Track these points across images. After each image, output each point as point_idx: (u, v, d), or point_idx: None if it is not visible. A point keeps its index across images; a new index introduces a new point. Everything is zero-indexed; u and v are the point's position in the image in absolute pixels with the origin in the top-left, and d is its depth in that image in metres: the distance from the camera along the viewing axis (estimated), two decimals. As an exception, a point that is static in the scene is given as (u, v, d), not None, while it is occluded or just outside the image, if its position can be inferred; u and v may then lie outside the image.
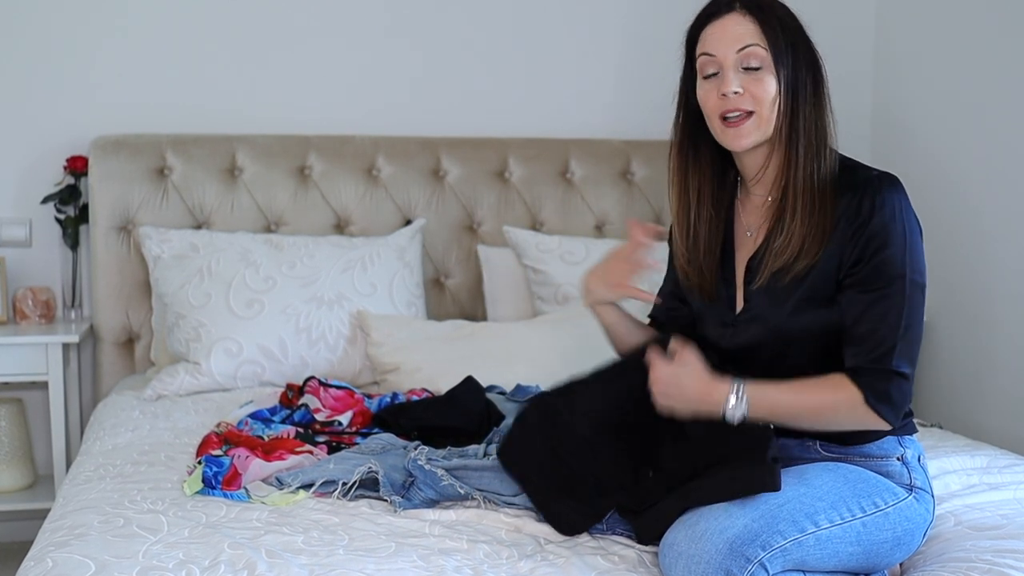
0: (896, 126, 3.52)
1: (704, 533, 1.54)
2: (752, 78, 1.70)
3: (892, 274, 1.66)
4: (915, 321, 1.68)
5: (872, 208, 1.67)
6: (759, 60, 1.70)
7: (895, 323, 1.66)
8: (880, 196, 1.67)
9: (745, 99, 1.70)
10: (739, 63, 1.71)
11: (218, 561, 1.60)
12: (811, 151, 1.71)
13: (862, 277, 1.68)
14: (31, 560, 1.65)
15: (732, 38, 1.70)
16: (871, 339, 1.67)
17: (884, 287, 1.67)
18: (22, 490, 3.01)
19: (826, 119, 1.73)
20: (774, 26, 1.70)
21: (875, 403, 1.67)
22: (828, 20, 3.59)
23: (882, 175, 1.70)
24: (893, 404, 1.67)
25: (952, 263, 3.26)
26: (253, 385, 2.77)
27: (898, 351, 1.66)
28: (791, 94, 1.70)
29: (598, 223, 3.33)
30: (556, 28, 3.40)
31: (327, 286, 2.87)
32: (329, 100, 3.28)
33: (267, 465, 2.01)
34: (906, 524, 1.70)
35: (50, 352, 2.86)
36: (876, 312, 1.67)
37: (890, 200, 1.67)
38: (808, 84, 1.72)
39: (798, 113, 1.71)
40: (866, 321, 1.67)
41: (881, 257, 1.67)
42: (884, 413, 1.67)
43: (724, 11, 1.73)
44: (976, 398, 3.18)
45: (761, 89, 1.70)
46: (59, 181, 3.09)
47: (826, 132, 1.73)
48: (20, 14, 3.08)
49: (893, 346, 1.66)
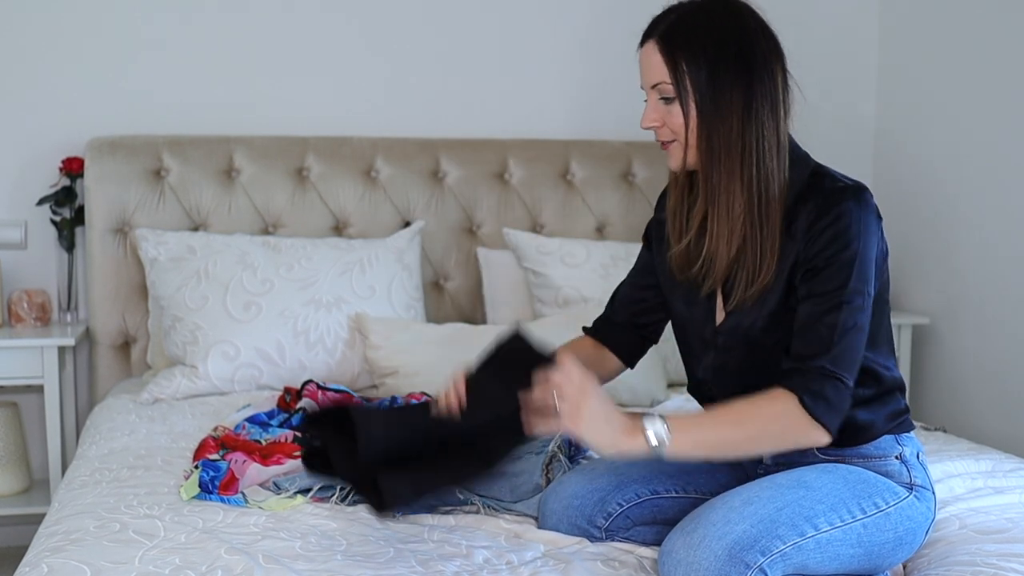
0: (898, 129, 3.52)
1: (703, 539, 1.53)
2: (666, 110, 1.70)
3: (836, 283, 1.64)
4: (853, 331, 1.64)
5: (829, 218, 1.65)
6: (670, 92, 1.69)
7: (831, 329, 1.63)
8: (840, 207, 1.65)
9: (664, 130, 1.71)
10: (656, 94, 1.71)
11: (215, 567, 1.59)
12: (733, 172, 1.67)
13: (809, 284, 1.66)
14: (26, 566, 1.64)
15: (646, 71, 1.71)
16: (807, 343, 1.64)
17: (826, 294, 1.64)
18: (17, 495, 3.00)
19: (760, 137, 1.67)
20: (679, 58, 1.67)
21: (811, 405, 1.61)
22: (831, 24, 3.61)
23: (849, 186, 1.67)
24: (830, 404, 1.62)
25: (954, 266, 3.26)
26: (250, 389, 2.75)
27: (833, 356, 1.62)
28: (704, 122, 1.67)
29: (599, 225, 3.31)
30: (556, 28, 3.39)
31: (325, 289, 2.85)
32: (327, 101, 3.27)
33: (264, 470, 2.01)
34: (908, 523, 1.69)
35: (46, 355, 2.84)
36: (814, 318, 1.64)
37: (848, 211, 1.64)
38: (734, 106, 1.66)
39: (713, 138, 1.67)
40: (805, 326, 1.65)
41: (829, 266, 1.64)
42: (821, 414, 1.61)
43: (644, 40, 1.72)
44: (980, 402, 3.18)
45: (673, 120, 1.69)
46: (55, 183, 3.07)
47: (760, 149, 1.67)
48: (16, 14, 3.07)
49: (828, 350, 1.63)
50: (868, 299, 1.67)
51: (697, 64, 1.66)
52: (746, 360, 1.75)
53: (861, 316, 1.65)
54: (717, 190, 1.69)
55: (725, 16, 1.68)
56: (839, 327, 1.63)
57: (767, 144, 1.67)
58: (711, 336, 1.78)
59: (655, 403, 2.75)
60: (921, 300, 3.42)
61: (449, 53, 3.34)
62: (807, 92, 1.76)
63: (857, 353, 1.65)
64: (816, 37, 3.55)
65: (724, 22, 1.68)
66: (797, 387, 1.62)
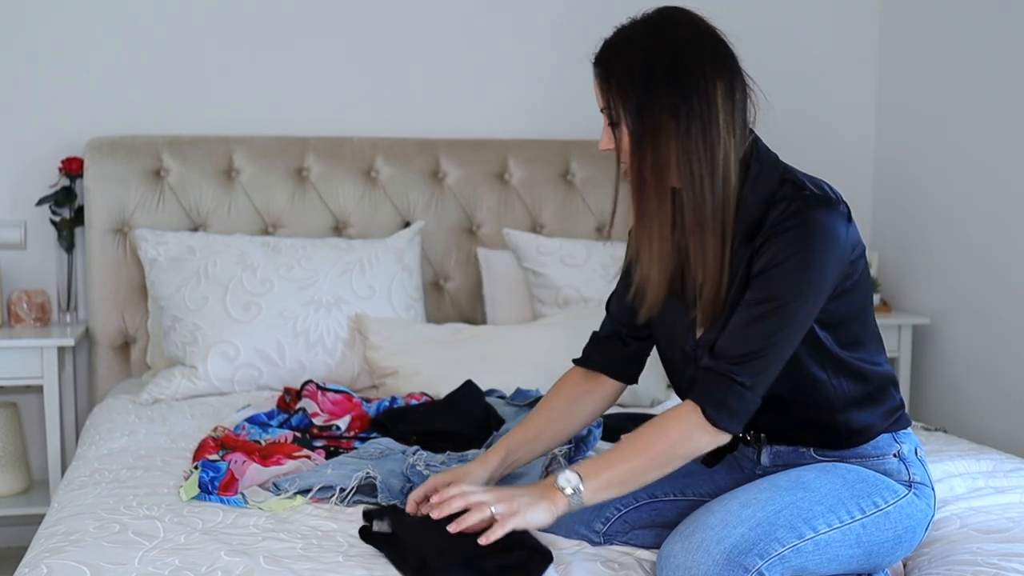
0: (899, 128, 3.51)
1: (700, 543, 1.53)
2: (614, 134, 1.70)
3: (776, 292, 1.62)
4: (777, 345, 1.62)
5: (786, 224, 1.62)
6: (609, 116, 1.69)
7: (755, 335, 1.62)
8: (800, 216, 1.62)
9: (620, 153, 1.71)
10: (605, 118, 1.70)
11: (215, 567, 1.59)
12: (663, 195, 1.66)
13: (754, 288, 1.64)
14: (26, 566, 1.63)
15: (596, 96, 1.70)
16: (732, 345, 1.63)
17: (765, 303, 1.62)
18: (17, 495, 3.00)
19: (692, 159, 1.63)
20: (612, 83, 1.66)
21: (714, 416, 1.61)
22: (831, 22, 3.61)
23: (811, 195, 1.64)
24: (732, 412, 1.62)
25: (954, 266, 3.26)
26: (250, 389, 2.75)
27: (748, 363, 1.61)
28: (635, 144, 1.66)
29: (599, 225, 3.31)
30: (557, 28, 3.38)
31: (325, 289, 2.85)
32: (327, 101, 3.27)
33: (264, 470, 2.00)
34: (907, 521, 1.68)
35: (45, 355, 2.84)
36: (749, 323, 1.63)
37: (809, 221, 1.62)
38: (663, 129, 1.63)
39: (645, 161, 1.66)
40: (733, 327, 1.64)
41: (773, 272, 1.62)
42: (724, 423, 1.61)
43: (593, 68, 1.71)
44: (980, 402, 3.17)
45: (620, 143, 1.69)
46: (54, 183, 3.07)
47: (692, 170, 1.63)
48: (15, 15, 3.07)
49: (742, 356, 1.61)
50: (812, 310, 1.63)
51: (626, 90, 1.65)
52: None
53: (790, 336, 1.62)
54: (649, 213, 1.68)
55: (660, 34, 1.66)
56: (763, 334, 1.61)
57: (700, 166, 1.63)
58: (691, 350, 1.77)
59: (655, 403, 2.74)
60: (921, 300, 3.42)
61: (449, 53, 3.34)
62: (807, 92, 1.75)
63: (773, 367, 1.63)
64: (816, 37, 3.55)
65: (656, 42, 1.65)
66: (701, 398, 1.63)
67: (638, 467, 1.63)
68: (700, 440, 1.64)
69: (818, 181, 1.69)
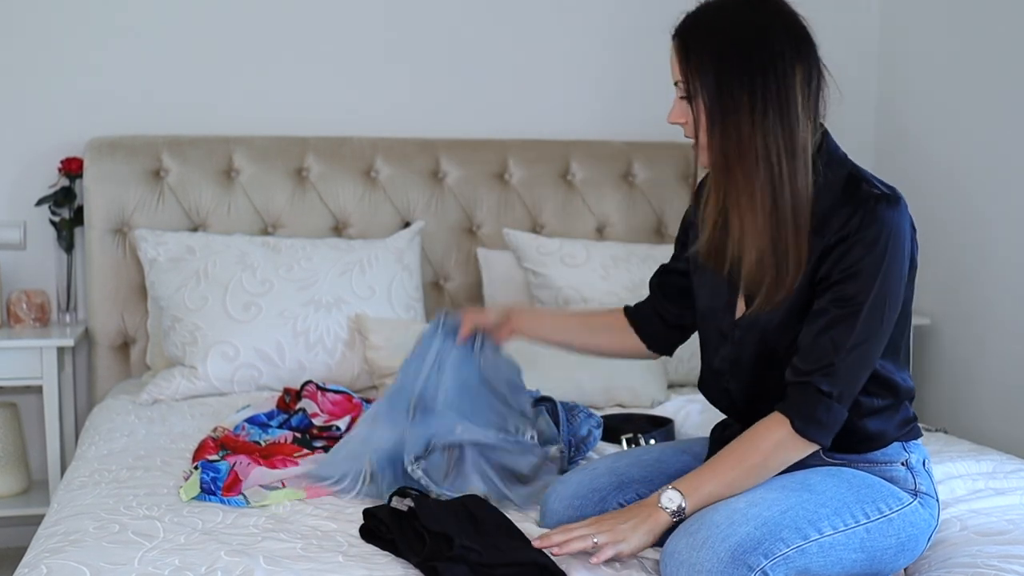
0: (898, 128, 3.51)
1: (705, 541, 1.53)
2: (687, 107, 1.69)
3: (855, 297, 1.63)
4: (861, 347, 1.63)
5: (859, 227, 1.63)
6: (685, 90, 1.68)
7: (840, 345, 1.62)
8: (870, 216, 1.63)
9: (688, 127, 1.70)
10: (679, 91, 1.70)
11: (215, 568, 1.59)
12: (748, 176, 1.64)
13: (828, 294, 1.65)
14: (25, 567, 1.63)
15: (672, 67, 1.70)
16: (811, 355, 1.64)
17: (842, 307, 1.63)
18: (16, 495, 2.99)
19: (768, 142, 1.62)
20: (692, 58, 1.66)
21: (803, 428, 1.64)
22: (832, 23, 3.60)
23: (883, 195, 1.65)
24: (822, 425, 1.64)
25: (955, 267, 3.25)
26: (250, 389, 2.75)
27: (831, 375, 1.63)
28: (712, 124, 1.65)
29: (599, 225, 3.31)
30: (556, 28, 3.38)
31: (325, 289, 2.84)
32: (327, 101, 3.27)
33: (271, 472, 2.00)
34: (910, 530, 1.68)
35: (45, 356, 2.84)
36: (826, 330, 1.64)
37: (880, 222, 1.62)
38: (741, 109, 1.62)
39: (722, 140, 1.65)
40: (813, 339, 1.65)
41: (850, 278, 1.63)
42: (814, 436, 1.65)
43: (672, 39, 1.71)
44: (981, 403, 3.17)
45: (691, 117, 1.68)
46: (54, 183, 3.07)
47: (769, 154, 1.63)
48: (15, 15, 3.06)
49: (828, 368, 1.63)
50: (890, 313, 1.65)
51: (705, 65, 1.64)
52: (759, 355, 1.74)
53: (874, 337, 1.64)
54: (732, 193, 1.67)
55: (743, 15, 1.65)
56: (846, 342, 1.62)
57: (778, 148, 1.63)
58: (728, 329, 1.78)
59: (655, 404, 2.74)
60: (922, 300, 3.41)
61: (449, 53, 3.33)
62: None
63: (861, 370, 1.65)
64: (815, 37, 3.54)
65: (740, 21, 1.65)
66: (790, 412, 1.65)
67: (734, 480, 1.65)
68: (790, 452, 1.67)
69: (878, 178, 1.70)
